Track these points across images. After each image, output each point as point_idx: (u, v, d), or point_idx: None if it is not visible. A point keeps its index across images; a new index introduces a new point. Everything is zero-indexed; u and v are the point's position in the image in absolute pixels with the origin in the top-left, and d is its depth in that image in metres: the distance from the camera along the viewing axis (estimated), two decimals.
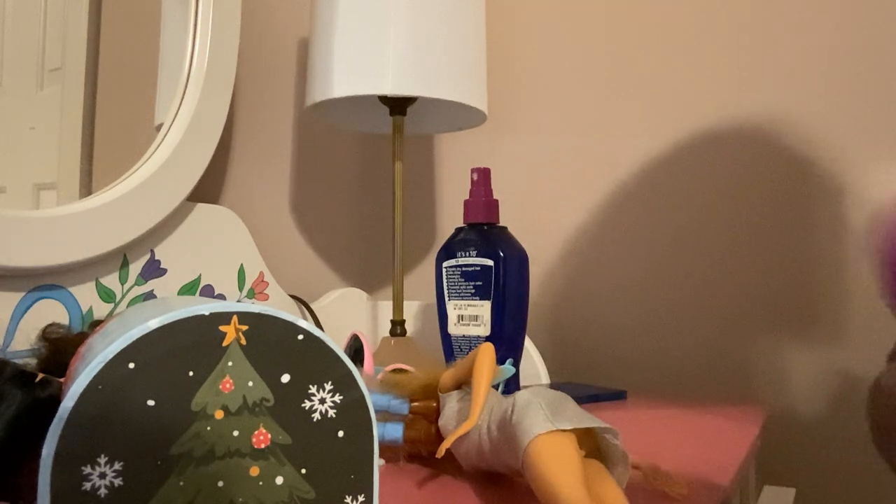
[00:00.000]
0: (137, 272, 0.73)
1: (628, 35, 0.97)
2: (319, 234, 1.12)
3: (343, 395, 0.32)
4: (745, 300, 0.89)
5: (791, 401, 0.86)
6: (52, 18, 0.66)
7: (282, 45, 1.13)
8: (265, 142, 1.13)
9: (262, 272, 0.88)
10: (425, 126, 0.98)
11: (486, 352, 0.47)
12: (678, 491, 0.44)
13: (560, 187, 0.99)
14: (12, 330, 0.61)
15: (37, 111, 0.65)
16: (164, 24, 0.78)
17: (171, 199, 0.73)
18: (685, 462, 0.52)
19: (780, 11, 0.89)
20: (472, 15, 0.84)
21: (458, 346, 0.73)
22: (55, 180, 0.66)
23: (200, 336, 0.29)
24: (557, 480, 0.36)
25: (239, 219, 0.85)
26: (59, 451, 0.27)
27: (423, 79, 0.80)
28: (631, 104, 0.96)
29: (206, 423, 0.29)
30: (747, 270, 0.89)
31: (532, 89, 1.01)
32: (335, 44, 0.81)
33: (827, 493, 0.84)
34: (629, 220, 0.95)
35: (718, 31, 0.92)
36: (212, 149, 0.79)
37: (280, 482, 0.30)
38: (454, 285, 0.73)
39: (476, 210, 0.73)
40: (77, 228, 0.64)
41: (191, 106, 0.77)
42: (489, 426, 0.45)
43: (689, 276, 0.92)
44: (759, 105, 0.89)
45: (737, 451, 0.56)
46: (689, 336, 0.91)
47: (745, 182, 0.89)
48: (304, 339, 0.31)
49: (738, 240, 0.89)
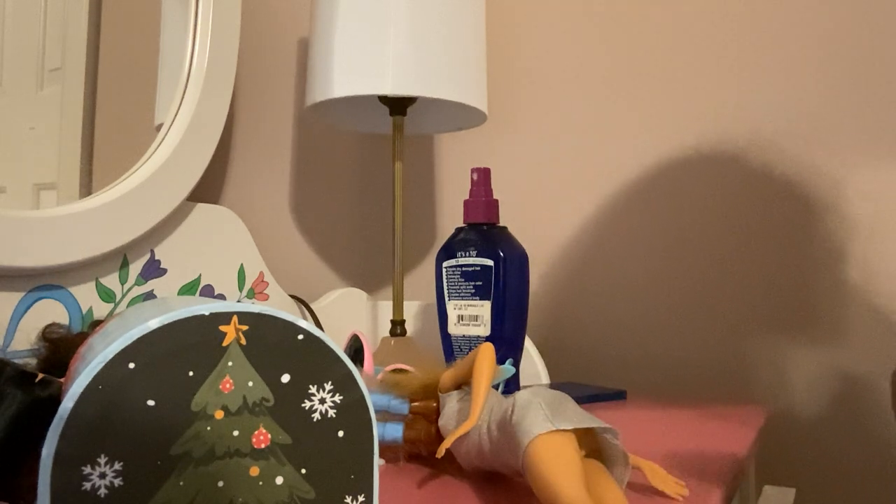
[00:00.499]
0: (137, 272, 0.73)
1: (628, 35, 0.97)
2: (319, 234, 1.12)
3: (343, 395, 0.32)
4: (746, 300, 0.89)
5: (791, 401, 0.86)
6: (52, 18, 0.66)
7: (282, 45, 1.13)
8: (265, 142, 1.13)
9: (262, 272, 0.88)
10: (425, 126, 0.98)
11: (486, 352, 0.47)
12: (678, 491, 0.44)
13: (560, 187, 0.99)
14: (12, 330, 0.61)
15: (37, 111, 0.65)
16: (164, 24, 0.78)
17: (171, 199, 0.73)
18: (685, 462, 0.52)
19: (781, 12, 0.89)
20: (472, 15, 0.84)
21: (458, 346, 0.73)
22: (55, 180, 0.67)
23: (200, 336, 0.29)
24: (557, 480, 0.36)
25: (239, 219, 0.85)
26: (59, 451, 0.27)
27: (423, 79, 0.80)
28: (631, 104, 0.96)
29: (206, 423, 0.29)
30: (748, 271, 0.89)
31: (532, 89, 1.01)
32: (335, 44, 0.81)
33: (827, 493, 0.84)
34: (629, 220, 0.95)
35: (719, 30, 0.92)
36: (212, 149, 0.79)
37: (280, 482, 0.30)
38: (454, 285, 0.73)
39: (476, 210, 0.73)
40: (77, 228, 0.64)
41: (191, 106, 0.77)
42: (489, 426, 0.45)
43: (689, 275, 0.92)
44: (759, 105, 0.89)
45: (736, 451, 0.56)
46: (689, 336, 0.91)
47: (746, 182, 0.89)
48: (304, 339, 0.31)
49: (739, 240, 0.89)
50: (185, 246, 0.78)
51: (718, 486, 0.46)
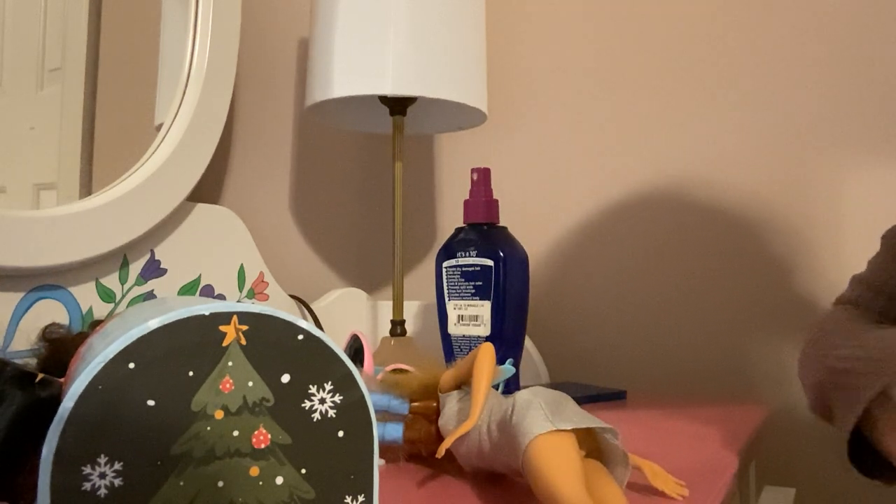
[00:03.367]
0: (137, 272, 0.73)
1: (628, 35, 0.97)
2: (319, 234, 1.12)
3: (343, 395, 0.32)
4: (746, 300, 0.89)
5: (791, 401, 0.86)
6: (52, 18, 0.66)
7: (282, 45, 1.13)
8: (265, 142, 1.13)
9: (262, 272, 0.88)
10: (425, 126, 0.98)
11: (486, 352, 0.47)
12: (678, 491, 0.44)
13: (560, 187, 0.99)
14: (12, 330, 0.61)
15: (37, 111, 0.65)
16: (164, 24, 0.78)
17: (171, 199, 0.73)
18: (685, 462, 0.52)
19: (781, 12, 0.89)
20: (472, 15, 0.84)
21: (458, 346, 0.73)
22: (55, 180, 0.67)
23: (200, 336, 0.29)
24: (557, 480, 0.36)
25: (239, 219, 0.85)
26: (59, 451, 0.27)
27: (423, 79, 0.80)
28: (631, 104, 0.96)
29: (206, 423, 0.29)
30: (748, 270, 0.89)
31: (532, 89, 1.01)
32: (335, 44, 0.81)
33: (827, 493, 0.84)
34: (629, 220, 0.95)
35: (719, 30, 0.92)
36: (212, 149, 0.79)
37: (280, 482, 0.30)
38: (454, 285, 0.73)
39: (476, 210, 0.73)
40: (77, 228, 0.64)
41: (191, 106, 0.77)
42: (489, 426, 0.45)
43: (689, 275, 0.92)
44: (759, 104, 0.89)
45: (737, 451, 0.56)
46: (689, 336, 0.91)
47: (746, 181, 0.89)
48: (304, 340, 0.31)
49: (739, 240, 0.89)
50: (185, 246, 0.78)
51: (718, 486, 0.46)
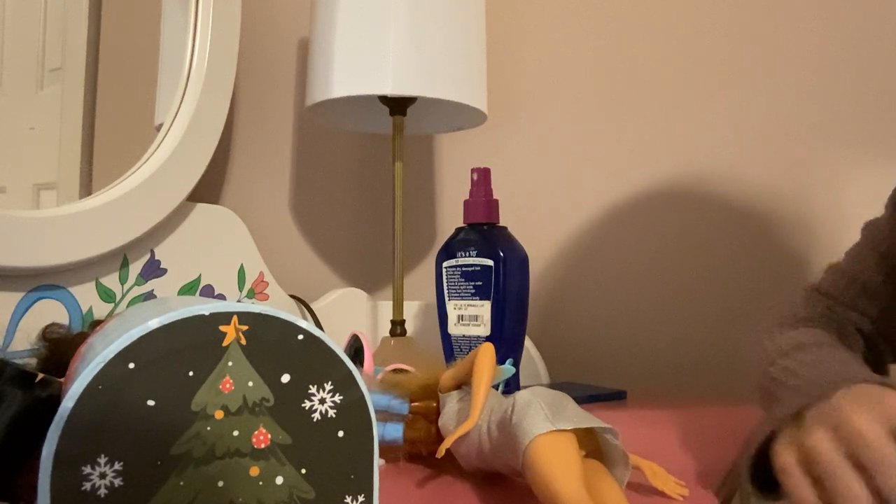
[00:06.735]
0: (137, 272, 0.73)
1: (629, 35, 0.97)
2: (319, 234, 1.12)
3: (343, 395, 0.32)
4: (747, 301, 0.89)
5: None
6: (52, 18, 0.66)
7: (282, 45, 1.13)
8: (265, 142, 1.13)
9: (262, 272, 0.88)
10: (425, 126, 0.98)
11: (486, 352, 0.47)
12: (678, 491, 0.44)
13: (560, 187, 0.99)
14: (12, 330, 0.60)
15: (37, 111, 0.65)
16: (164, 24, 0.78)
17: (171, 199, 0.73)
18: (685, 462, 0.52)
19: (781, 13, 0.89)
20: (472, 15, 0.84)
21: (458, 346, 0.73)
22: (55, 180, 0.66)
23: (200, 336, 0.29)
24: (557, 480, 0.36)
25: (239, 219, 0.85)
26: (59, 451, 0.26)
27: (423, 79, 0.79)
28: (631, 104, 0.96)
29: (206, 423, 0.29)
30: (748, 271, 0.89)
31: (532, 89, 1.01)
32: (335, 44, 0.81)
33: None
34: (629, 220, 0.95)
35: (719, 30, 0.92)
36: (212, 149, 0.79)
37: (280, 482, 0.30)
38: (454, 285, 0.73)
39: (476, 210, 0.73)
40: (77, 228, 0.64)
41: (191, 106, 0.77)
42: (489, 426, 0.45)
43: (689, 276, 0.92)
44: (760, 105, 0.89)
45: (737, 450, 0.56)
46: (689, 336, 0.91)
47: (747, 181, 0.89)
48: (304, 339, 0.31)
49: (740, 240, 0.89)
50: (185, 246, 0.78)
51: (718, 486, 0.46)
